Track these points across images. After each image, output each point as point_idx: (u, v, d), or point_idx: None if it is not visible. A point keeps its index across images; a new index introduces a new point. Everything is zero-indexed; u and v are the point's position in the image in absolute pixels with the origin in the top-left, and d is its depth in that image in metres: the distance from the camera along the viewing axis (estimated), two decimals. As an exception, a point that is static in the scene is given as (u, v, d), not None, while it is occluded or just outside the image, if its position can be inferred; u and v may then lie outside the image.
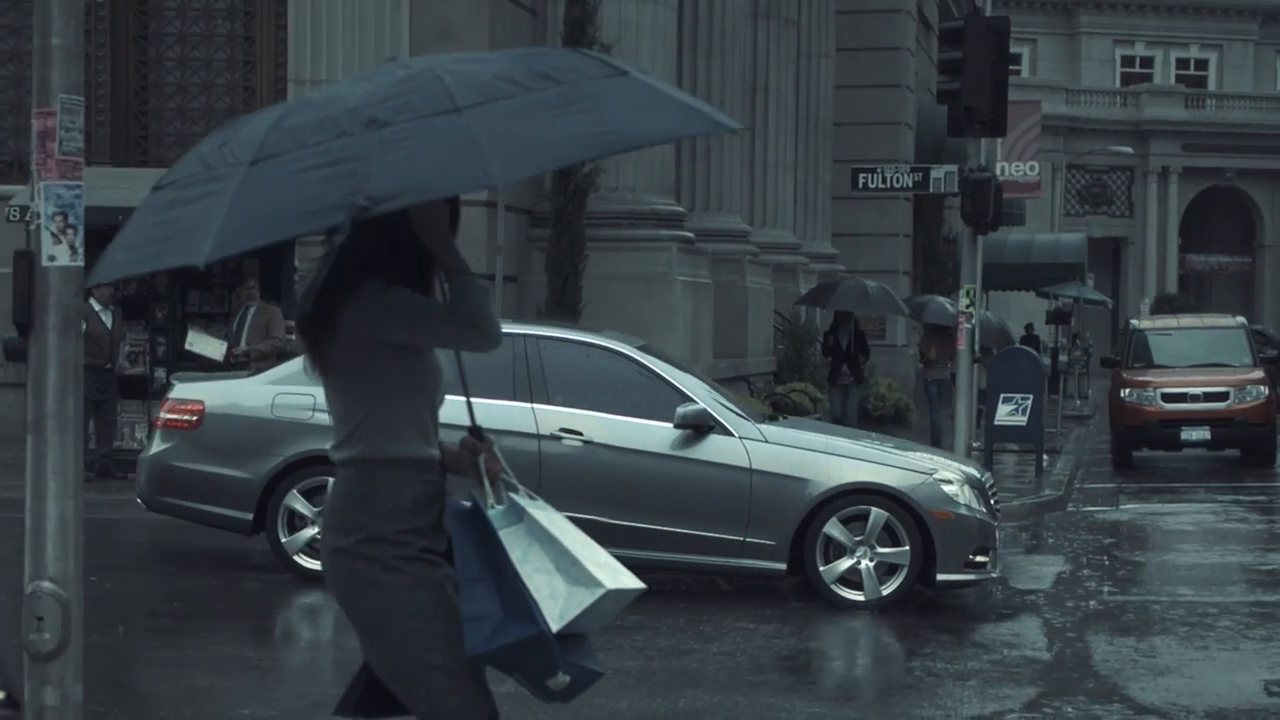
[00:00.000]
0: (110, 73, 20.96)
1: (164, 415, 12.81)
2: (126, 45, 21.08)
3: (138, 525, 15.41)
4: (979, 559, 12.02)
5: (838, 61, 34.53)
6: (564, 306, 20.34)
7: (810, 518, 11.89)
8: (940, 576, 11.90)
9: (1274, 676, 9.75)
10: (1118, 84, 75.52)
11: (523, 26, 21.55)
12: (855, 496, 11.93)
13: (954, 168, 20.23)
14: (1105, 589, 13.41)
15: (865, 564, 11.89)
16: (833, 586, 11.88)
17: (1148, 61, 76.99)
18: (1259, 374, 25.31)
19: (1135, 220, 73.29)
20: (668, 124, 4.73)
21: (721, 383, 21.90)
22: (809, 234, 32.60)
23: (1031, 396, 21.15)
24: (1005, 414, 21.14)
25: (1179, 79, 76.30)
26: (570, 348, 12.54)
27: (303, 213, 4.25)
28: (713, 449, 11.99)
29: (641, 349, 12.86)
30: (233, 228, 4.26)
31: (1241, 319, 27.95)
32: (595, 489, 11.91)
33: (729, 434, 12.03)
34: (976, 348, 20.61)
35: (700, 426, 11.98)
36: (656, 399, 12.17)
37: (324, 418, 11.76)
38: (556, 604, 4.75)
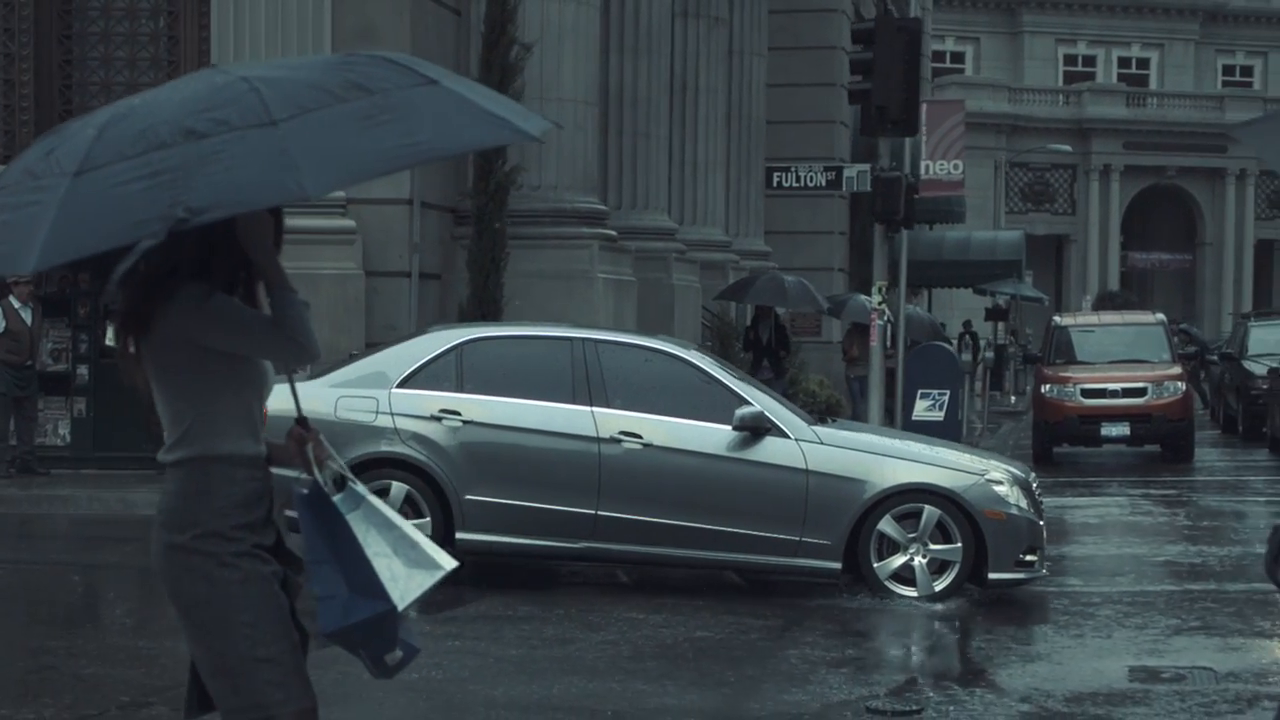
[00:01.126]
0: (34, 72, 21.06)
1: None
2: (50, 44, 21.17)
3: (59, 520, 15.59)
4: (1028, 558, 12.37)
5: (772, 60, 34.77)
6: (485, 304, 20.55)
7: (864, 517, 12.17)
8: (992, 575, 12.23)
9: (1139, 663, 10.05)
10: (1060, 82, 76.12)
11: (446, 26, 21.74)
12: (908, 495, 12.23)
13: (866, 167, 20.56)
14: (998, 580, 13.69)
15: (918, 561, 12.22)
16: (886, 583, 12.15)
17: (1090, 60, 77.63)
18: (1177, 370, 25.72)
19: (1077, 218, 73.90)
20: (474, 134, 4.95)
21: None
22: (741, 231, 32.85)
23: (948, 392, 21.50)
24: (922, 409, 21.49)
25: (1121, 78, 76.97)
26: (628, 351, 12.77)
27: (126, 223, 4.46)
28: (769, 450, 12.25)
29: (697, 352, 13.21)
30: (59, 237, 4.46)
31: (1161, 316, 28.38)
32: (654, 491, 12.18)
33: (785, 436, 12.29)
34: (908, 342, 20.93)
35: (757, 429, 12.24)
36: (713, 402, 12.41)
37: (388, 420, 12.15)
38: (398, 585, 5.03)
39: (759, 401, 12.46)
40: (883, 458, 12.40)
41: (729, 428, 12.24)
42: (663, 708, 8.76)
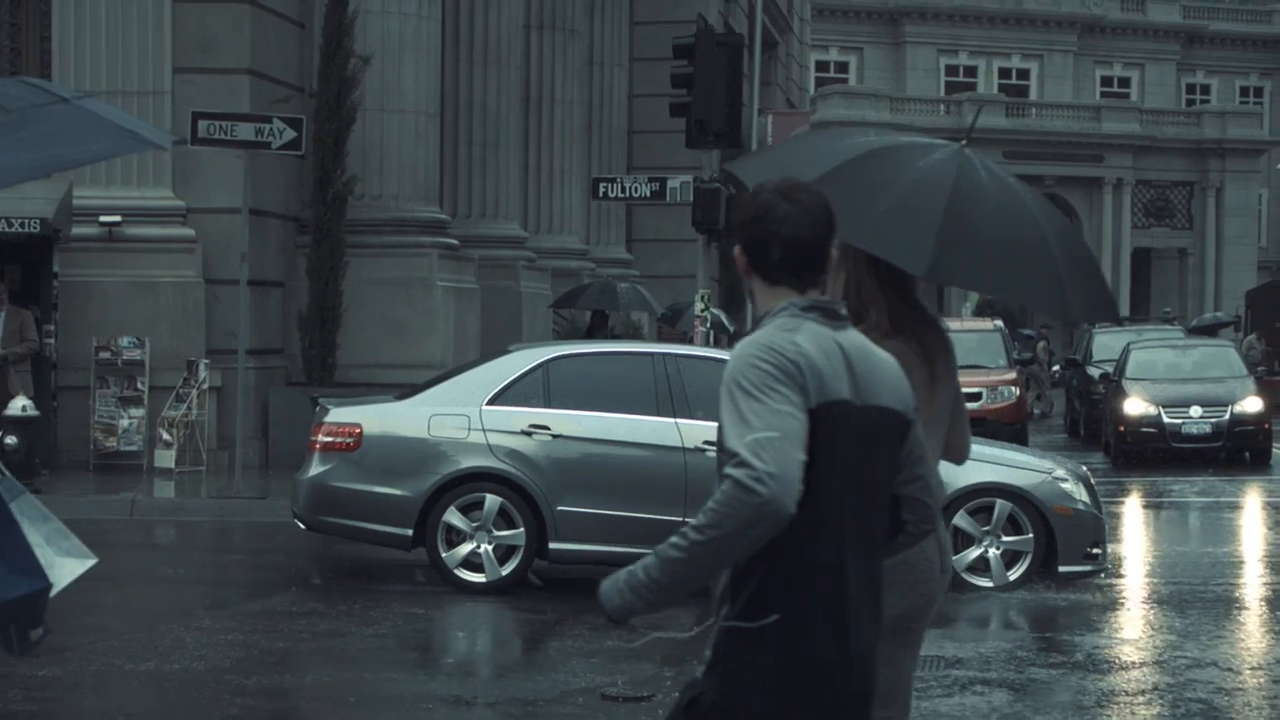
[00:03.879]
0: (-124, 81, 21.27)
1: (320, 438, 12.95)
2: (-108, 54, 21.40)
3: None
4: (1094, 551, 13.01)
5: (639, 71, 35.31)
6: (324, 311, 20.98)
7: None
8: (1062, 568, 12.85)
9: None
10: (942, 92, 77.22)
11: (288, 38, 22.11)
12: (981, 495, 12.78)
13: (689, 177, 21.11)
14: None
15: (992, 552, 12.82)
16: (963, 575, 12.62)
17: (971, 71, 78.80)
18: (1012, 375, 26.46)
19: (958, 226, 74.84)
20: (105, 146, 5.44)
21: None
22: (601, 240, 33.37)
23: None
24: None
25: (1001, 88, 78.16)
26: (707, 364, 13.20)
27: None
28: None
29: None
30: None
31: (999, 323, 29.12)
32: None
33: None
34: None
35: None
36: None
37: (479, 436, 12.68)
38: (53, 569, 5.51)
39: None
40: None
41: None
42: (404, 695, 9.23)
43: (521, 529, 12.62)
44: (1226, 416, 25.08)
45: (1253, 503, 21.10)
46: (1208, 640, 11.06)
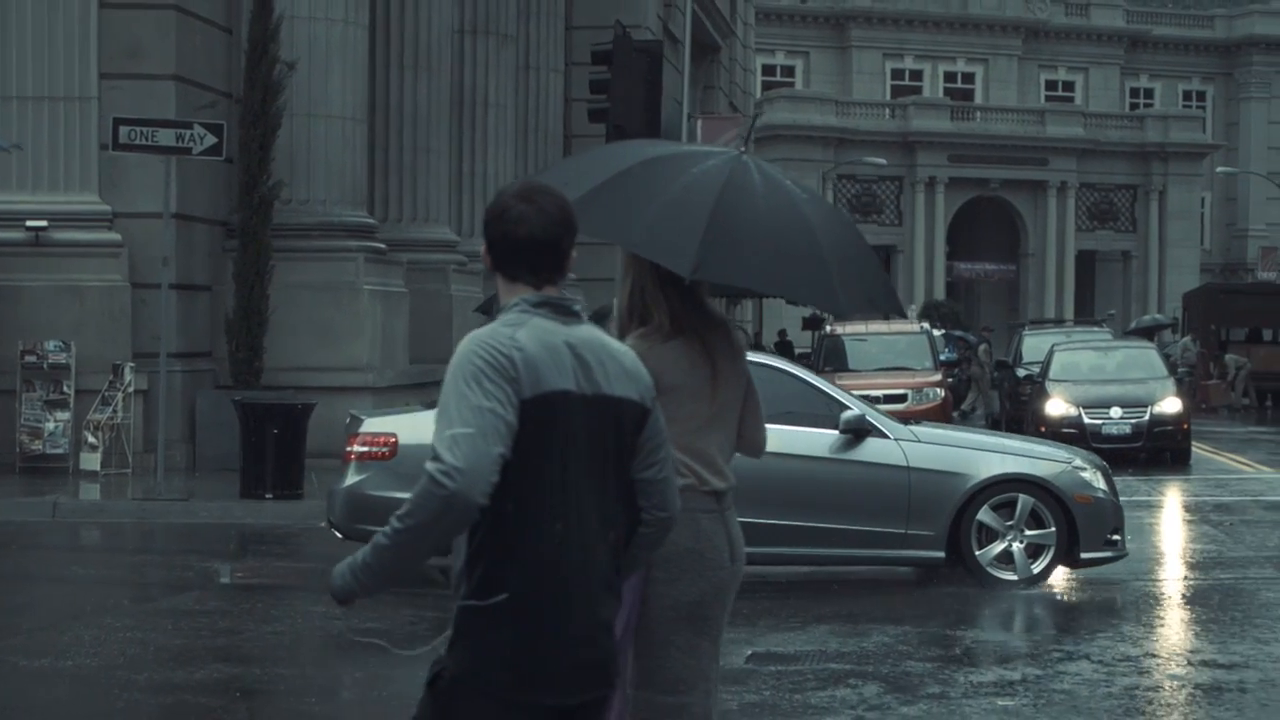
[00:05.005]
0: None
1: (356, 448, 13.09)
2: None
3: None
4: (1114, 537, 13.39)
5: (574, 74, 35.53)
6: (250, 314, 21.15)
7: (964, 508, 13.09)
8: (1084, 555, 13.23)
9: (756, 650, 10.85)
10: (888, 96, 77.70)
11: (215, 44, 22.29)
12: (1004, 485, 13.17)
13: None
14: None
15: (1016, 546, 13.16)
16: (988, 568, 13.06)
17: (917, 75, 79.35)
18: (937, 377, 26.82)
19: (904, 229, 75.43)
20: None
21: (414, 387, 22.93)
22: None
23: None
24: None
25: (947, 92, 78.74)
26: None
27: None
28: (872, 451, 13.11)
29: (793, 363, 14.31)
30: None
31: (925, 325, 29.50)
32: (769, 493, 12.82)
33: (885, 436, 13.17)
34: None
35: (860, 430, 13.09)
36: (812, 407, 13.26)
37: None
38: None
39: (858, 405, 13.42)
40: (976, 451, 13.46)
41: (832, 431, 13.13)
42: (292, 688, 9.47)
43: None
44: (1146, 417, 25.47)
45: (1170, 502, 21.45)
46: (1086, 635, 11.36)
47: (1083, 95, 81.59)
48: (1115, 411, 25.48)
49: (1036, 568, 13.20)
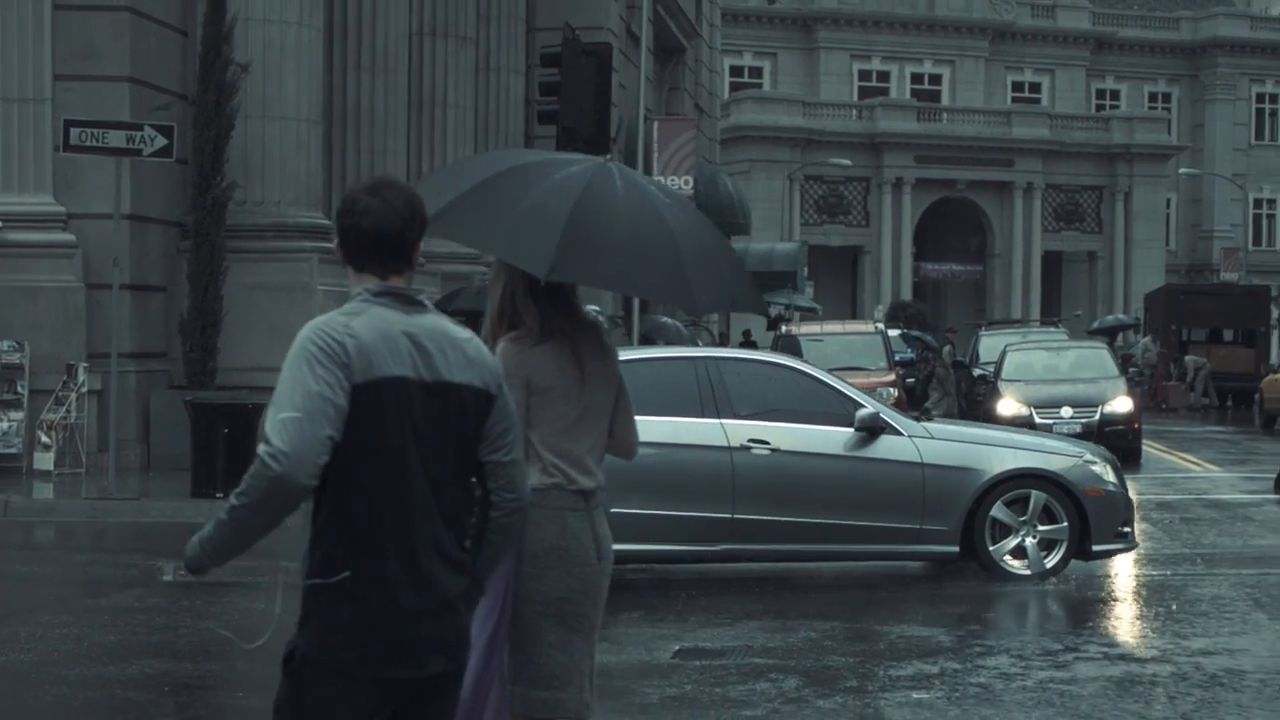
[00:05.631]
0: None
1: None
2: None
3: None
4: (1124, 529, 13.69)
5: (536, 76, 35.63)
6: (205, 315, 21.26)
7: (977, 503, 13.34)
8: (1095, 547, 13.52)
9: (685, 645, 11.04)
10: (856, 98, 78.00)
11: (170, 46, 22.39)
12: (1016, 481, 13.42)
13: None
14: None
15: (1029, 541, 13.43)
16: (1001, 563, 13.35)
17: (884, 76, 79.67)
18: (891, 377, 27.05)
19: (871, 230, 75.73)
20: None
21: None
22: (497, 244, 33.73)
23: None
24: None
25: (914, 93, 79.07)
26: (747, 366, 13.98)
27: None
28: (886, 448, 13.33)
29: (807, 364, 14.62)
30: None
31: (880, 326, 29.81)
32: (785, 492, 13.18)
33: (899, 434, 13.40)
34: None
35: (874, 428, 13.31)
36: (827, 406, 13.48)
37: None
38: None
39: (872, 404, 13.66)
40: (989, 447, 13.68)
41: (847, 429, 13.34)
42: (222, 682, 9.64)
43: None
44: (1096, 417, 25.70)
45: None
46: (1010, 630, 11.58)
47: (1049, 97, 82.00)
48: (1066, 411, 25.72)
49: (1049, 562, 13.49)
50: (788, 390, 13.71)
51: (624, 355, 14.28)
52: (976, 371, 30.39)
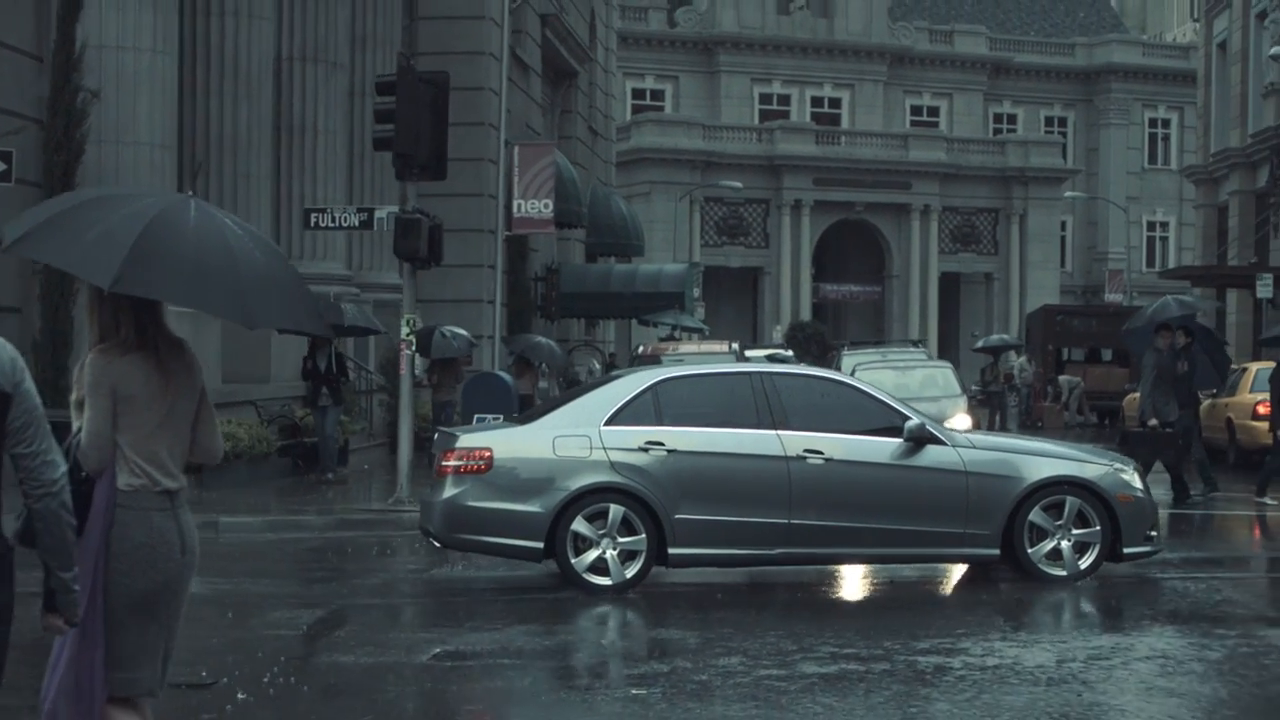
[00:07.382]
0: None
1: (451, 462, 14.07)
2: None
3: None
4: (1152, 533, 14.71)
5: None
6: (56, 335, 21.75)
7: (1017, 509, 14.25)
8: (1126, 550, 14.48)
9: (446, 648, 11.65)
10: (757, 121, 78.95)
11: (26, 72, 22.83)
12: (1053, 488, 14.35)
13: (395, 208, 22.14)
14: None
15: (1065, 544, 14.39)
16: (1039, 565, 14.28)
17: (785, 99, 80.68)
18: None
19: (770, 251, 76.67)
20: None
21: (227, 406, 23.62)
22: (372, 265, 34.27)
23: (501, 417, 23.16)
24: (479, 433, 23.13)
25: (814, 117, 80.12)
26: (800, 380, 14.92)
27: None
28: (932, 457, 14.26)
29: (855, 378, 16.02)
30: None
31: (735, 346, 30.52)
32: (838, 498, 14.11)
33: (943, 444, 14.31)
34: (543, 368, 22.36)
35: (921, 439, 14.21)
36: (874, 418, 14.40)
37: (601, 454, 13.97)
38: None
39: (918, 415, 14.53)
40: (1027, 456, 14.57)
41: (895, 439, 14.22)
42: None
43: (643, 535, 13.92)
44: (936, 434, 26.46)
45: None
46: (756, 632, 12.22)
47: (947, 121, 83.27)
48: (907, 429, 26.46)
49: (1084, 564, 14.41)
50: (841, 403, 14.61)
51: (685, 371, 15.18)
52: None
